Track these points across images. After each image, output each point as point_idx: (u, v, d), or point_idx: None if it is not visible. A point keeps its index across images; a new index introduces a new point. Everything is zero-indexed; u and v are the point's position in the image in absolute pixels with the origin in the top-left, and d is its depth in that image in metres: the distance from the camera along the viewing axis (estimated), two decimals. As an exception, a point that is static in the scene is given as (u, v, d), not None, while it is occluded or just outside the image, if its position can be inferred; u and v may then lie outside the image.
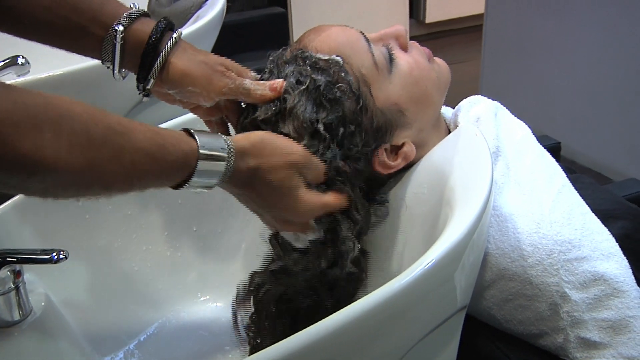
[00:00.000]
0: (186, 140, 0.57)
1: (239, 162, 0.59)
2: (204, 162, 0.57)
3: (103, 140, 0.51)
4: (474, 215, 0.57)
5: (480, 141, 0.67)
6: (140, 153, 0.53)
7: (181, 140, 0.57)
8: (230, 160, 0.59)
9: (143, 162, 0.53)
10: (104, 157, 0.51)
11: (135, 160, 0.52)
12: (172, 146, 0.56)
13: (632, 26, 1.87)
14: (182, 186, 0.58)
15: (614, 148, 2.02)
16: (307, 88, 0.66)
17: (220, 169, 0.58)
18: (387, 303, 0.50)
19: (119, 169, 0.52)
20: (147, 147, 0.53)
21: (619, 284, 0.66)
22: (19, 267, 0.68)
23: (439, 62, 0.76)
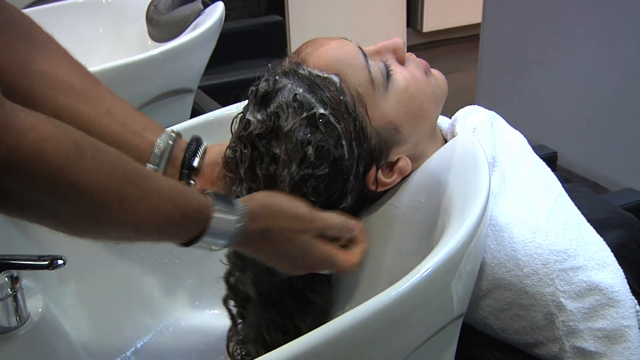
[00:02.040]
0: (201, 196, 0.58)
1: (249, 224, 0.60)
2: (217, 219, 0.57)
3: (132, 178, 0.52)
4: (471, 224, 0.57)
5: (478, 150, 0.67)
6: (163, 198, 0.54)
7: (199, 195, 0.58)
8: (241, 222, 0.59)
9: (165, 207, 0.54)
10: (133, 195, 0.51)
11: (158, 205, 0.53)
12: (191, 199, 0.57)
13: (628, 37, 1.88)
14: (192, 243, 0.58)
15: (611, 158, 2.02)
16: (304, 109, 0.66)
17: (231, 228, 0.59)
18: (384, 311, 0.51)
19: (144, 209, 0.52)
20: (169, 194, 0.55)
21: (614, 294, 0.66)
22: (17, 273, 0.68)
23: (435, 75, 0.76)
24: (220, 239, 0.59)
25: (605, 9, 1.94)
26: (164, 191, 0.54)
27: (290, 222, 0.63)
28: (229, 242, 0.59)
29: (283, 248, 0.64)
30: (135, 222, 0.52)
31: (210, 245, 0.59)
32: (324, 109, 0.66)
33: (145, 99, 1.13)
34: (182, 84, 1.20)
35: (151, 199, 0.53)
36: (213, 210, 0.57)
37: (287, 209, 0.63)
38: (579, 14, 2.02)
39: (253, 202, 0.62)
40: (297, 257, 0.65)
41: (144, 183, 0.53)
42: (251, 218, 0.60)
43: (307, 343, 0.49)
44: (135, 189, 0.51)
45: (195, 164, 0.71)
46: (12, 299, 0.68)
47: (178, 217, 0.56)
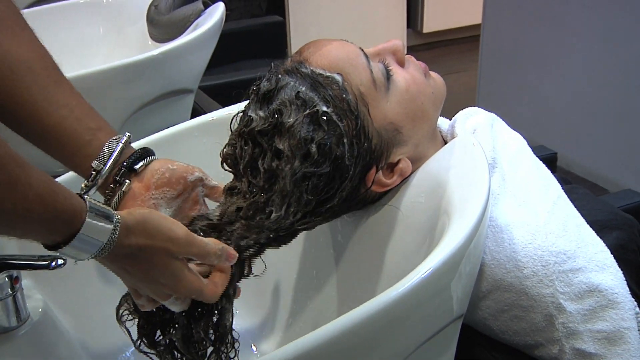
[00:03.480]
0: (77, 198, 0.54)
1: (121, 238, 0.56)
2: (90, 225, 0.53)
3: (2, 163, 0.48)
4: (471, 225, 0.57)
5: (478, 151, 0.67)
6: (34, 191, 0.50)
7: (73, 197, 0.54)
8: (115, 233, 0.55)
9: (34, 201, 0.50)
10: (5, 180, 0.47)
11: (27, 195, 0.49)
12: (64, 198, 0.53)
13: (628, 37, 1.89)
14: (59, 247, 0.54)
15: (610, 159, 2.03)
16: (306, 106, 0.66)
17: (103, 238, 0.54)
18: (383, 311, 0.51)
19: (10, 197, 0.48)
20: (41, 188, 0.50)
21: (614, 295, 0.66)
22: (17, 273, 0.68)
23: (434, 77, 0.76)
24: (88, 249, 0.54)
25: (605, 10, 1.94)
26: (35, 183, 0.50)
27: (166, 244, 0.58)
28: (97, 253, 0.55)
29: (153, 270, 0.59)
30: (3, 210, 0.48)
31: (77, 253, 0.54)
32: (327, 107, 0.66)
33: (145, 99, 1.13)
34: (183, 84, 1.20)
35: (18, 187, 0.49)
36: (86, 214, 0.53)
37: (165, 229, 0.59)
38: (579, 15, 2.02)
39: (130, 216, 0.57)
40: (165, 283, 0.61)
41: (13, 169, 0.49)
42: (125, 232, 0.56)
43: (307, 344, 0.49)
44: (3, 175, 0.47)
45: (137, 167, 0.69)
46: (12, 298, 0.68)
47: (46, 214, 0.51)
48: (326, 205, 0.68)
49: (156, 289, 0.62)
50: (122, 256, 0.57)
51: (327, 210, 0.68)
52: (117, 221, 0.55)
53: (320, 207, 0.67)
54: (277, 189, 0.65)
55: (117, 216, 0.56)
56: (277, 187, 0.66)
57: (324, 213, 0.68)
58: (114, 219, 0.55)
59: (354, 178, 0.69)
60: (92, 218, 0.53)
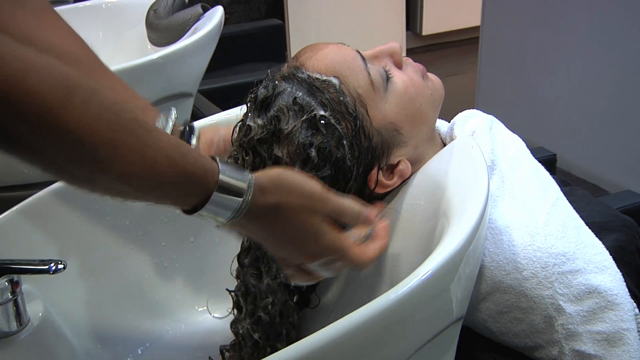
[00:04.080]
0: (208, 159, 0.55)
1: (257, 197, 0.56)
2: (224, 184, 0.54)
3: (129, 127, 0.48)
4: (470, 227, 0.57)
5: (477, 153, 0.68)
6: (163, 154, 0.50)
7: (204, 157, 0.55)
8: (249, 194, 0.56)
9: (164, 163, 0.50)
10: (127, 143, 0.48)
11: (156, 159, 0.50)
12: (194, 159, 0.53)
13: (627, 39, 1.89)
14: (197, 210, 0.55)
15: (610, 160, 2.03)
16: (304, 112, 0.66)
17: (237, 199, 0.55)
18: (383, 314, 0.51)
19: (140, 162, 0.49)
20: (170, 151, 0.51)
21: (613, 297, 0.66)
22: (17, 278, 0.68)
23: (432, 79, 0.77)
24: (225, 210, 0.55)
25: (603, 12, 1.94)
26: (164, 146, 0.51)
27: (302, 200, 0.59)
28: (235, 213, 0.56)
29: (293, 227, 0.59)
30: (128, 174, 0.49)
31: (214, 215, 0.55)
32: (324, 111, 0.66)
33: (145, 103, 1.13)
34: (182, 88, 1.21)
35: (147, 151, 0.49)
36: (219, 175, 0.54)
37: (300, 185, 0.59)
38: (578, 17, 2.03)
39: (264, 175, 0.58)
40: (307, 241, 0.60)
41: (142, 133, 0.49)
42: (260, 191, 0.56)
43: (306, 347, 0.49)
44: (130, 138, 0.48)
45: (194, 142, 0.70)
46: (13, 303, 0.68)
47: (177, 177, 0.52)
48: None
49: (301, 247, 0.61)
50: (259, 216, 0.58)
51: None
52: (250, 180, 0.56)
53: None
54: None
55: (250, 175, 0.56)
56: None
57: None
58: (247, 178, 0.56)
59: (358, 178, 0.69)
60: (225, 178, 0.54)
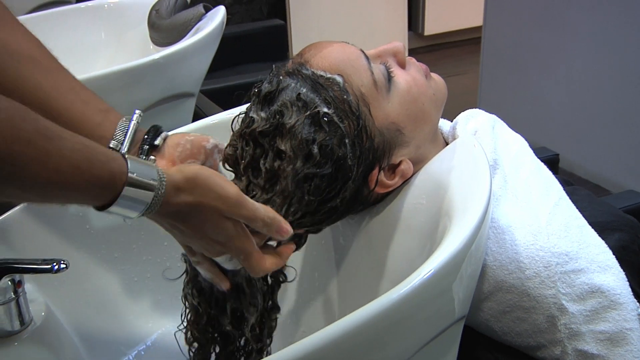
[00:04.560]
0: (118, 162, 0.55)
1: (170, 196, 0.57)
2: (132, 188, 0.54)
3: (28, 139, 0.48)
4: (472, 226, 0.57)
5: (479, 153, 0.68)
6: (67, 162, 0.51)
7: (112, 159, 0.54)
8: (160, 192, 0.56)
9: (68, 172, 0.51)
10: (28, 155, 0.48)
11: (59, 168, 0.50)
12: (100, 162, 0.53)
13: (629, 39, 1.89)
14: (106, 209, 0.55)
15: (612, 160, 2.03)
16: (307, 107, 0.66)
17: (147, 198, 0.55)
18: (385, 313, 0.51)
19: (42, 172, 0.49)
20: (74, 157, 0.51)
21: (616, 296, 0.66)
22: (20, 277, 0.68)
23: (435, 79, 0.77)
24: (135, 208, 0.55)
25: (606, 12, 1.94)
26: (68, 153, 0.51)
27: (217, 203, 0.59)
28: (144, 211, 0.56)
29: (204, 227, 0.60)
30: (31, 184, 0.49)
31: (124, 212, 0.56)
32: (328, 108, 0.66)
33: (147, 103, 1.13)
34: (184, 88, 1.21)
35: (50, 161, 0.49)
36: (127, 176, 0.54)
37: (216, 187, 0.59)
38: (580, 17, 2.02)
39: (180, 173, 0.58)
40: (215, 241, 0.61)
41: (43, 144, 0.49)
42: (174, 189, 0.57)
43: (308, 346, 0.49)
44: (30, 149, 0.48)
45: (157, 142, 0.69)
46: (15, 302, 0.68)
47: (82, 183, 0.52)
48: (327, 205, 0.68)
49: (207, 245, 0.62)
50: (171, 214, 0.58)
51: (329, 211, 0.69)
52: (162, 179, 0.56)
53: (321, 207, 0.68)
54: (279, 189, 0.66)
55: (163, 175, 0.56)
56: (278, 188, 0.66)
57: (326, 213, 0.68)
58: (158, 177, 0.56)
59: (357, 178, 0.69)
60: (134, 178, 0.54)
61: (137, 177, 0.55)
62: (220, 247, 0.62)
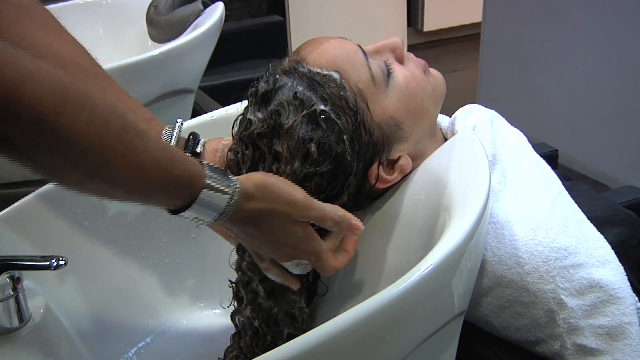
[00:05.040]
0: (195, 164, 0.57)
1: (242, 202, 0.59)
2: (209, 191, 0.56)
3: (118, 133, 0.50)
4: (472, 222, 0.57)
5: (478, 148, 0.67)
6: (150, 158, 0.52)
7: (191, 162, 0.57)
8: (233, 198, 0.58)
9: (151, 168, 0.52)
10: (116, 149, 0.50)
11: (144, 164, 0.52)
12: (182, 163, 0.55)
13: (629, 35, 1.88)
14: (182, 211, 0.57)
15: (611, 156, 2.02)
16: (304, 106, 0.66)
17: (222, 203, 0.57)
18: (385, 308, 0.51)
19: (127, 166, 0.51)
20: (157, 155, 0.53)
21: (615, 291, 0.66)
22: (18, 274, 0.68)
23: (434, 74, 0.76)
24: (209, 213, 0.57)
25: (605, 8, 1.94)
26: (152, 151, 0.53)
27: (286, 208, 0.61)
28: (218, 217, 0.58)
29: (274, 233, 0.62)
30: (117, 178, 0.51)
31: (198, 216, 0.57)
32: (325, 105, 0.66)
33: (146, 99, 1.13)
34: (183, 84, 1.20)
35: (136, 156, 0.51)
36: (205, 180, 0.56)
37: (284, 193, 0.61)
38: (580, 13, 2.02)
39: (249, 181, 0.60)
40: (286, 245, 0.63)
41: (131, 139, 0.51)
42: (245, 197, 0.59)
43: (308, 342, 0.49)
44: (118, 143, 0.50)
45: (198, 149, 0.73)
46: (14, 299, 0.68)
47: (164, 181, 0.54)
48: (336, 202, 0.68)
49: (278, 250, 0.64)
50: (243, 220, 0.60)
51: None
52: (235, 186, 0.58)
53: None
54: None
55: (236, 181, 0.58)
56: None
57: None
58: (232, 184, 0.58)
59: (358, 173, 0.69)
60: (210, 183, 0.56)
61: (214, 181, 0.57)
62: (290, 250, 0.64)
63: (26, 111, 0.44)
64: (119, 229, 0.86)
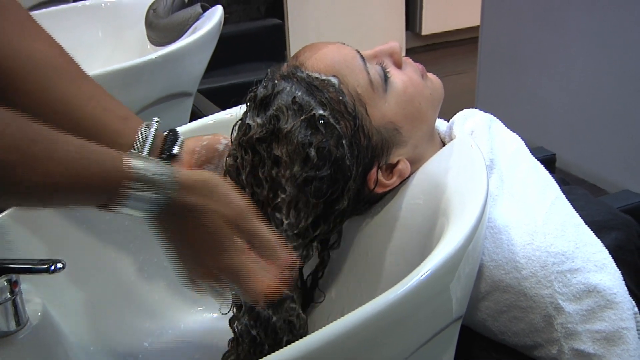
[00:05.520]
0: (116, 159, 0.53)
1: (179, 194, 0.55)
2: (138, 182, 0.53)
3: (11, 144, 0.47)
4: (470, 226, 0.57)
5: (476, 153, 0.68)
6: (56, 164, 0.50)
7: (113, 158, 0.53)
8: (166, 188, 0.54)
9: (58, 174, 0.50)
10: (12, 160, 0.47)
11: (49, 171, 0.49)
12: (96, 162, 0.52)
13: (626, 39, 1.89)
14: (108, 207, 0.54)
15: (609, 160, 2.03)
16: (303, 111, 0.66)
17: (153, 195, 0.54)
18: (382, 313, 0.51)
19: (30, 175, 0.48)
20: (67, 161, 0.50)
21: (612, 296, 0.66)
22: (16, 277, 0.68)
23: (432, 79, 0.77)
24: (139, 205, 0.54)
25: (603, 12, 1.94)
26: (59, 156, 0.50)
27: (225, 209, 0.57)
28: (149, 208, 0.54)
29: (205, 232, 0.57)
30: (24, 189, 0.49)
31: (129, 211, 0.54)
32: (323, 110, 0.66)
33: (144, 102, 1.13)
34: (182, 87, 1.21)
35: (37, 163, 0.48)
36: (132, 173, 0.53)
37: (227, 194, 0.58)
38: (578, 17, 2.02)
39: (190, 173, 0.57)
40: (213, 251, 0.58)
41: (28, 147, 0.48)
42: (181, 187, 0.55)
43: (306, 346, 0.49)
44: (13, 154, 0.47)
45: (175, 150, 0.69)
46: (11, 302, 0.68)
47: (77, 186, 0.51)
48: (336, 207, 0.68)
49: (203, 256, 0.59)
50: (175, 215, 0.56)
51: (341, 213, 0.69)
52: (172, 175, 0.54)
53: (330, 209, 0.68)
54: (282, 196, 0.66)
55: (170, 170, 0.55)
56: (281, 194, 0.66)
57: (338, 216, 0.68)
58: (165, 174, 0.54)
59: (357, 178, 0.69)
60: (140, 175, 0.53)
61: (144, 172, 0.53)
62: (215, 260, 0.58)
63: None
64: (116, 232, 0.86)
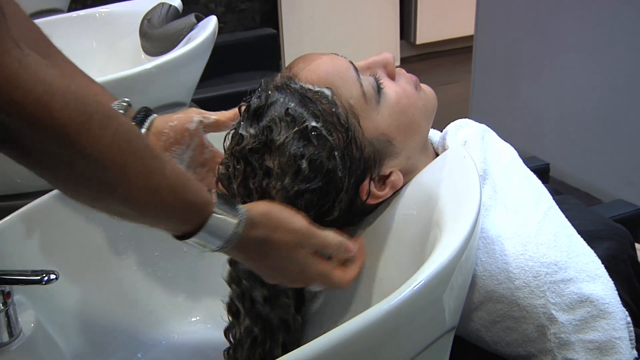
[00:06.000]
0: (206, 193, 0.59)
1: (247, 230, 0.60)
2: (218, 216, 0.58)
3: (140, 154, 0.52)
4: (462, 237, 0.57)
5: (469, 163, 0.68)
6: (166, 181, 0.54)
7: (203, 190, 0.58)
8: (240, 226, 0.60)
9: (166, 191, 0.54)
10: (136, 169, 0.51)
11: (160, 186, 0.54)
12: (194, 190, 0.57)
13: (620, 49, 1.90)
14: (188, 237, 0.59)
15: (603, 169, 2.04)
16: (296, 122, 0.66)
17: (228, 231, 0.59)
18: (376, 324, 0.51)
19: (144, 186, 0.52)
20: (173, 179, 0.55)
21: (605, 306, 0.66)
22: (9, 288, 0.68)
23: (425, 90, 0.77)
24: (216, 239, 0.59)
25: (596, 21, 1.95)
26: (169, 174, 0.54)
27: (290, 236, 0.63)
28: (224, 244, 0.60)
29: (278, 260, 0.64)
30: (132, 197, 0.53)
31: (204, 243, 0.59)
32: (316, 122, 0.66)
33: (138, 112, 1.13)
34: (176, 97, 1.21)
35: (153, 178, 0.53)
36: (214, 208, 0.58)
37: (288, 221, 0.63)
38: (571, 27, 2.04)
39: (255, 209, 0.62)
40: (292, 271, 0.65)
41: (150, 161, 0.53)
42: (251, 225, 0.60)
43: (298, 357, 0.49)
44: (139, 163, 0.52)
45: (143, 130, 0.72)
46: (4, 314, 0.68)
47: (176, 205, 0.56)
48: (326, 218, 0.69)
49: (285, 275, 0.66)
50: (248, 248, 0.62)
51: (331, 224, 0.69)
52: (242, 214, 0.60)
53: (320, 221, 0.68)
54: None
55: (243, 209, 0.60)
56: None
57: (329, 227, 0.69)
58: (239, 212, 0.60)
59: (349, 189, 0.69)
60: (219, 210, 0.58)
61: (222, 210, 0.58)
62: (299, 276, 0.66)
63: (53, 127, 0.46)
64: (111, 242, 0.86)
